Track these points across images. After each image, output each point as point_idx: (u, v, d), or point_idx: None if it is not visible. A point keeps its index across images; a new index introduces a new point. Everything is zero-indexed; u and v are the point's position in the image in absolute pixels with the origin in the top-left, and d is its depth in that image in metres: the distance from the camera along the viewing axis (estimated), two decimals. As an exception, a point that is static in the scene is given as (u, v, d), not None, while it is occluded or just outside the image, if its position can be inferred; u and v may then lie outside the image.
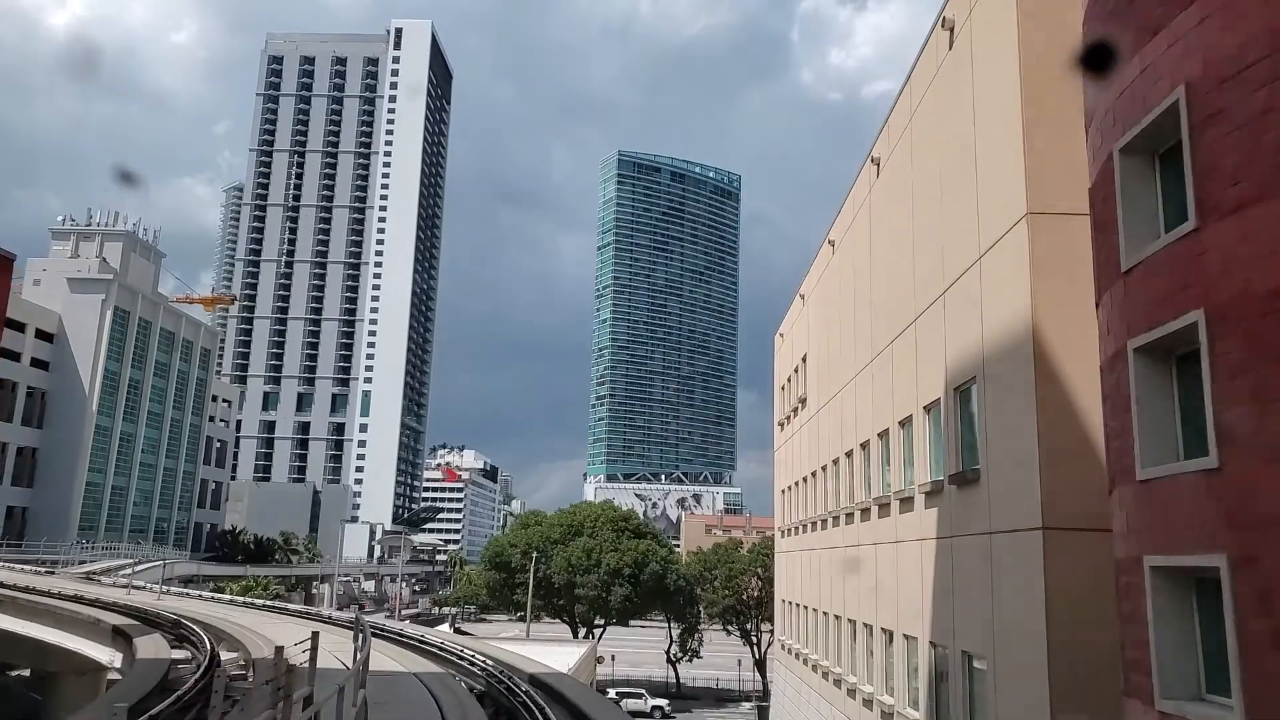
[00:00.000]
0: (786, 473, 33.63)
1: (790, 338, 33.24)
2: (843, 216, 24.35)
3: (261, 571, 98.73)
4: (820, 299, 27.49)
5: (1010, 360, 12.22)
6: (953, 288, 14.78)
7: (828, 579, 25.44)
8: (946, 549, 14.77)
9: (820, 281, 27.34)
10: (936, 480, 15.38)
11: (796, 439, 31.35)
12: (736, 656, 62.87)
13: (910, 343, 17.45)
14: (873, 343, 20.41)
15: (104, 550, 77.50)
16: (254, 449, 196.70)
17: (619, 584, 51.79)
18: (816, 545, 27.82)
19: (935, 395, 15.60)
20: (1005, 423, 12.46)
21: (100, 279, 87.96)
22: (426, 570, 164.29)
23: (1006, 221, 12.34)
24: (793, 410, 32.04)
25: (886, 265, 19.39)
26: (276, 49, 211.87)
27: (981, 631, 13.12)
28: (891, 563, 18.67)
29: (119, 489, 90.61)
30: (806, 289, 29.83)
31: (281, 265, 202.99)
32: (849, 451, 22.68)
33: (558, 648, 38.70)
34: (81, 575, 46.30)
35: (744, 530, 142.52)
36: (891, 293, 18.87)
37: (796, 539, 31.22)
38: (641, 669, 68.41)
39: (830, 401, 25.43)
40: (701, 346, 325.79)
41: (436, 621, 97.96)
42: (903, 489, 17.60)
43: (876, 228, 20.44)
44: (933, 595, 15.54)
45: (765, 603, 57.37)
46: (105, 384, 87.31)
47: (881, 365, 19.64)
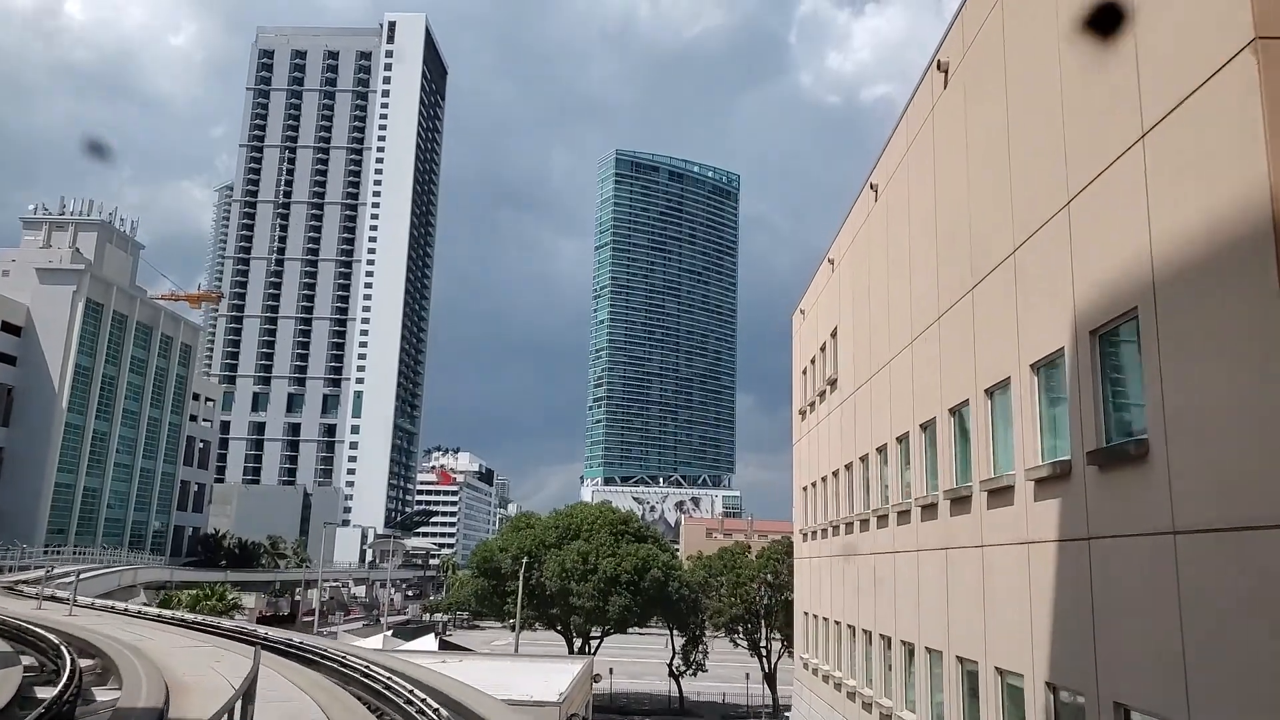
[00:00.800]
0: (809, 468, 29.44)
1: (814, 312, 29.05)
2: (890, 153, 20.18)
3: (243, 577, 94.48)
4: (857, 259, 23.31)
5: (1216, 267, 8.06)
6: (1086, 192, 10.61)
7: (870, 592, 21.26)
8: (1078, 554, 10.60)
9: (857, 238, 23.16)
10: (1058, 461, 11.22)
11: (823, 428, 27.17)
12: (744, 669, 58.61)
13: (1001, 285, 13.30)
14: (937, 298, 16.25)
15: (75, 555, 73.15)
16: (243, 450, 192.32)
17: (617, 592, 47.47)
18: (849, 551, 23.64)
19: (1053, 346, 11.45)
20: (1205, 366, 8.28)
21: (72, 269, 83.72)
22: (419, 575, 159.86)
23: (1210, 60, 8.18)
24: (818, 395, 27.86)
25: (963, 190, 15.21)
26: (267, 43, 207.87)
27: (1158, 675, 8.94)
28: (968, 573, 14.51)
29: (92, 490, 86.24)
30: (837, 252, 25.65)
31: (272, 263, 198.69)
32: (902, 435, 18.51)
33: (549, 666, 34.43)
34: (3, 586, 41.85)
35: (746, 534, 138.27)
36: (972, 224, 14.70)
37: (821, 544, 27.04)
38: (641, 681, 64.10)
39: (872, 379, 21.27)
40: (700, 347, 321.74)
41: (426, 630, 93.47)
42: (992, 477, 13.42)
43: (947, 145, 16.26)
44: (1050, 618, 11.37)
45: (775, 612, 53.15)
46: (77, 380, 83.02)
47: (953, 324, 15.47)
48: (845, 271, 24.73)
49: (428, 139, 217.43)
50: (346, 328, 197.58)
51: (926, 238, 17.50)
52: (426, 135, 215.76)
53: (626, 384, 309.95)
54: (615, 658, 64.71)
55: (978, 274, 14.22)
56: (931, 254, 16.86)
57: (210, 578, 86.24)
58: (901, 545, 18.51)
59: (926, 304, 16.99)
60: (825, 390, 26.70)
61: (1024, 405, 12.28)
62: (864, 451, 21.89)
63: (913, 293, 18.02)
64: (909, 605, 17.91)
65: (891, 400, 19.50)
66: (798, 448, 31.88)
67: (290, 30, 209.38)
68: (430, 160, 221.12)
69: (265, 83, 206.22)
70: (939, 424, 15.98)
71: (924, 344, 17.17)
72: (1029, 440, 12.12)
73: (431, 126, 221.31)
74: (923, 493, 17.08)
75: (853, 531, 22.93)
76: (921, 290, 17.41)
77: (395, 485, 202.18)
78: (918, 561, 17.36)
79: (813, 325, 29.29)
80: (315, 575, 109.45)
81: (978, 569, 14.04)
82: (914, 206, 18.28)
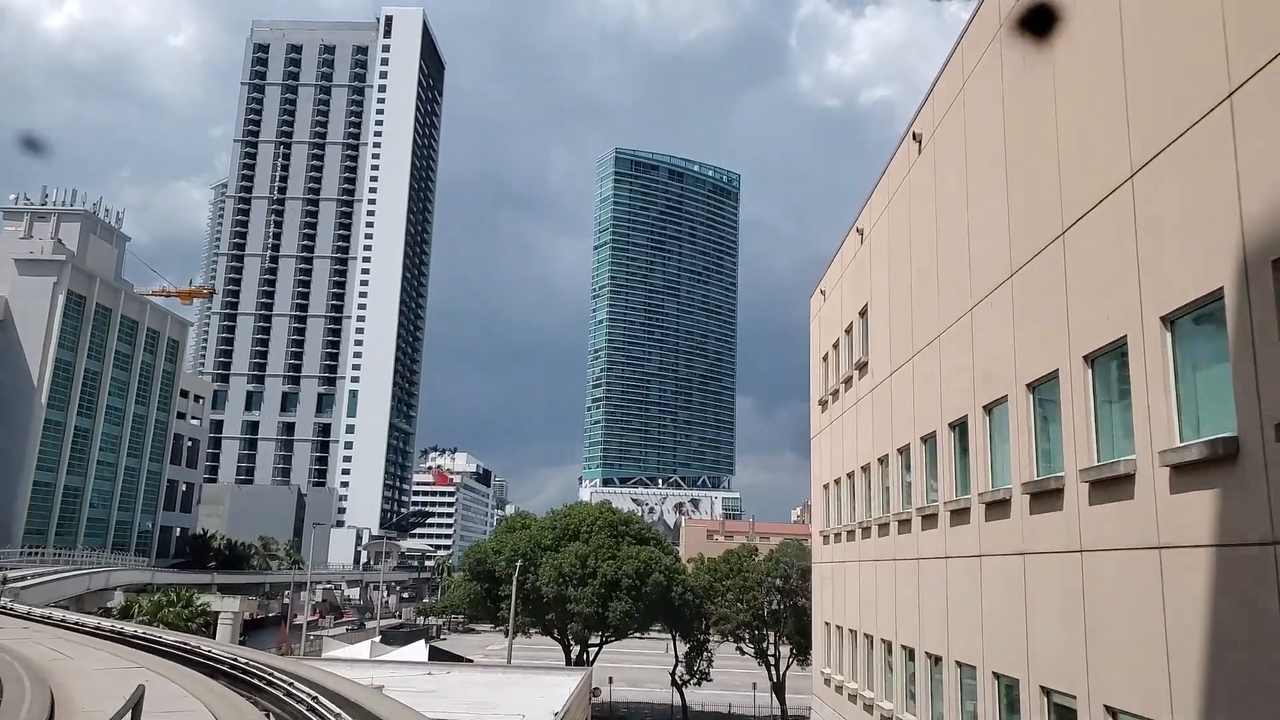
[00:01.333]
0: (831, 463, 26.69)
1: (838, 291, 26.30)
2: (941, 95, 17.43)
3: (231, 579, 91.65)
4: (895, 223, 20.55)
5: None
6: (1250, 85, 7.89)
7: (912, 603, 18.51)
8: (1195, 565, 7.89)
9: (895, 199, 20.41)
10: (1178, 447, 8.52)
11: (850, 418, 24.42)
12: (749, 677, 55.83)
13: (1094, 234, 10.60)
14: (1010, 253, 13.52)
15: (55, 556, 70.36)
16: (236, 450, 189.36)
17: (617, 597, 44.59)
18: (880, 556, 20.92)
19: (1183, 299, 8.75)
20: None
21: (53, 260, 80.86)
22: (414, 577, 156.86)
23: None
24: (843, 382, 25.11)
25: (1047, 120, 12.45)
26: (263, 37, 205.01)
27: None
28: (1054, 583, 11.79)
29: (73, 489, 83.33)
30: (867, 219, 22.89)
31: (266, 260, 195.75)
32: (959, 420, 15.78)
33: (544, 679, 31.63)
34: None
35: (747, 536, 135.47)
36: (1062, 167, 11.96)
37: (848, 547, 24.30)
38: (641, 689, 61.29)
39: (915, 358, 18.52)
40: (700, 348, 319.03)
41: (418, 634, 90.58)
42: (1095, 465, 10.67)
43: (1017, 85, 13.52)
44: (1141, 639, 8.65)
45: (785, 618, 50.38)
46: (58, 374, 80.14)
47: (1034, 280, 12.73)
48: (878, 240, 21.98)
49: (425, 135, 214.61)
50: (342, 326, 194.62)
51: (984, 196, 14.76)
52: (424, 131, 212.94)
53: (625, 385, 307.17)
54: (614, 664, 61.91)
55: (1045, 235, 11.49)
56: (999, 204, 14.10)
57: (195, 580, 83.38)
58: (958, 550, 15.76)
59: (993, 262, 14.25)
60: (852, 376, 23.95)
61: (1150, 372, 9.53)
62: (904, 441, 19.14)
63: (973, 252, 15.27)
64: (969, 621, 15.16)
65: (943, 380, 16.75)
66: (817, 441, 29.13)
67: (286, 24, 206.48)
68: (427, 156, 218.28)
69: (260, 77, 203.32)
70: (1015, 403, 13.22)
71: (991, 310, 14.42)
72: (1160, 418, 9.36)
73: (429, 123, 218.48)
74: (987, 487, 14.35)
75: (889, 533, 20.18)
76: (987, 247, 14.66)
77: (391, 486, 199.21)
78: (980, 569, 14.61)
79: (835, 306, 26.54)
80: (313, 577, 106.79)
81: (1069, 579, 11.28)
82: (975, 150, 15.52)
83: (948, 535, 16.42)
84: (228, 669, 14.79)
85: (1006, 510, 13.41)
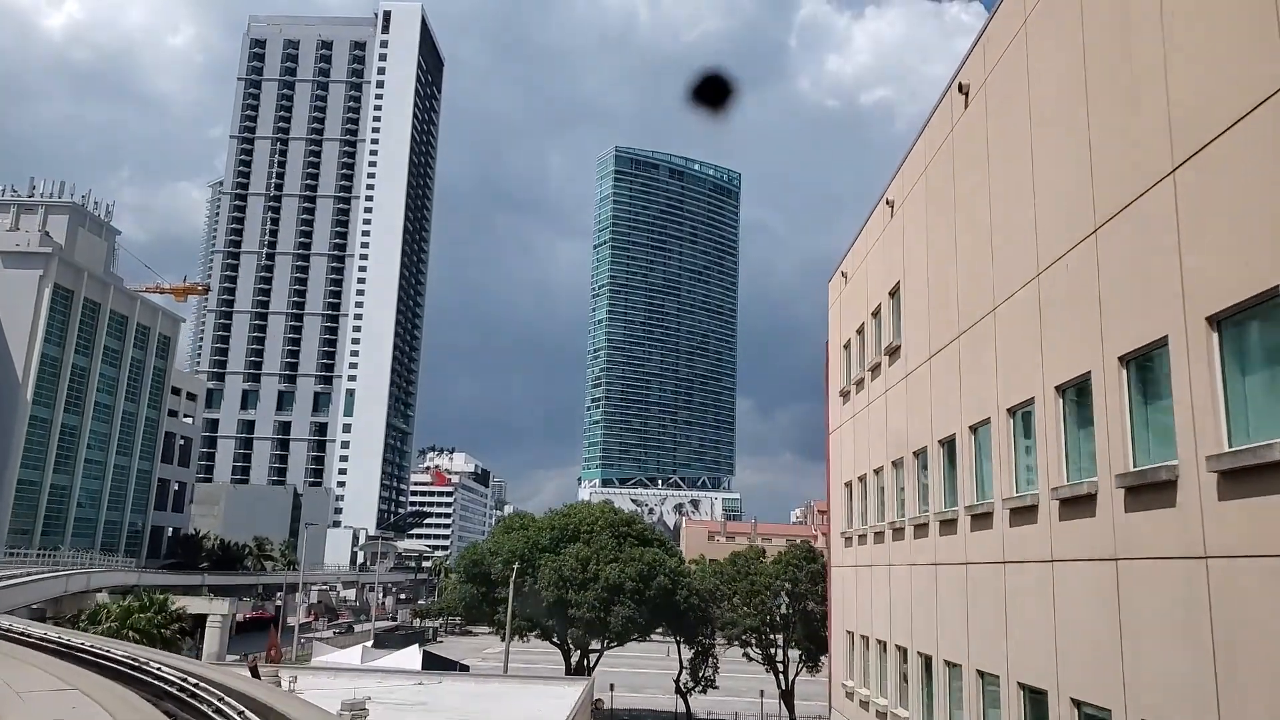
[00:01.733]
0: (855, 458, 24.65)
1: (862, 272, 24.23)
2: (989, 43, 15.36)
3: (223, 580, 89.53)
4: (934, 190, 18.47)
5: None
6: None
7: (957, 614, 16.46)
8: None
9: (934, 162, 18.34)
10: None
11: (877, 409, 22.38)
12: (756, 684, 53.78)
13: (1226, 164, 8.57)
14: (1093, 213, 11.47)
15: (40, 556, 68.21)
16: (231, 449, 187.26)
17: (620, 601, 42.47)
18: (918, 560, 18.88)
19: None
20: None
21: (39, 253, 78.76)
22: (411, 578, 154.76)
23: None
24: (869, 370, 23.05)
25: (1145, 57, 10.41)
26: (260, 32, 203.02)
27: None
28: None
29: (60, 488, 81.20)
30: (899, 189, 20.83)
31: (262, 257, 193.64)
32: (1018, 406, 13.74)
33: (543, 690, 29.61)
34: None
35: (750, 537, 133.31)
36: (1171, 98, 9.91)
37: (875, 550, 22.26)
38: (643, 695, 59.26)
39: (960, 338, 16.47)
40: (700, 348, 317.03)
41: (414, 637, 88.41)
42: (1225, 452, 8.63)
43: (1097, 12, 11.47)
44: None
45: (794, 623, 48.33)
46: (44, 370, 78.03)
47: (1123, 239, 10.69)
48: (913, 210, 19.92)
49: (423, 131, 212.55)
50: (339, 324, 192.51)
51: (1054, 138, 12.71)
52: (422, 127, 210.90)
53: (625, 385, 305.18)
54: (613, 668, 59.79)
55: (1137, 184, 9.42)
56: (1062, 160, 12.04)
57: (185, 581, 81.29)
58: (1019, 554, 13.70)
59: (1067, 221, 12.19)
60: (881, 363, 21.90)
61: None
62: (949, 432, 17.08)
63: (1040, 210, 13.21)
64: (1032, 637, 13.10)
65: (999, 361, 14.69)
66: (837, 435, 27.08)
67: (283, 19, 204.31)
68: (426, 153, 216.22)
69: (257, 73, 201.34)
70: (1098, 383, 11.17)
71: (1058, 279, 12.36)
72: None
73: (427, 119, 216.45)
74: (1060, 481, 12.30)
75: (929, 534, 18.13)
76: (1058, 205, 12.61)
77: (388, 486, 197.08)
78: (1052, 575, 12.55)
79: (859, 288, 24.49)
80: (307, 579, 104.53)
81: (1191, 590, 9.23)
82: (1042, 96, 13.45)
83: (1006, 537, 14.38)
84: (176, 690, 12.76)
85: (1091, 508, 11.35)
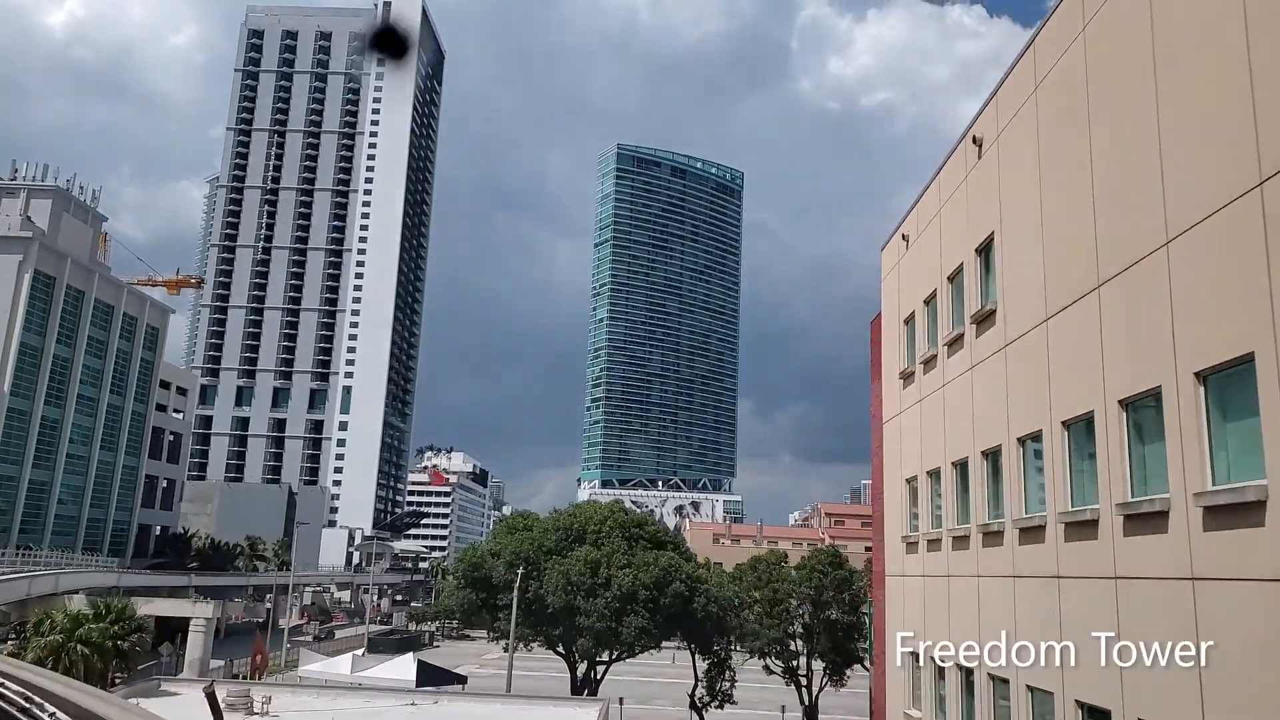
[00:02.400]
0: (922, 450, 21.15)
1: (933, 230, 20.69)
2: None
3: (212, 581, 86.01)
4: (1046, 120, 14.89)
5: None
6: None
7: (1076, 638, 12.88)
8: None
9: (1045, 87, 14.80)
10: None
11: (956, 389, 18.87)
12: (775, 698, 50.21)
13: None
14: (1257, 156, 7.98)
15: (18, 555, 64.65)
16: (225, 447, 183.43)
17: (633, 610, 38.92)
18: (1021, 571, 15.37)
19: None
20: None
21: (19, 237, 75.21)
22: (408, 579, 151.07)
23: None
24: (946, 345, 19.53)
25: None
26: (257, 23, 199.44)
27: None
28: None
29: (40, 484, 77.62)
30: (988, 124, 17.27)
31: (258, 252, 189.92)
32: (1133, 399, 10.21)
33: (554, 711, 26.00)
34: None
35: (755, 539, 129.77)
36: None
37: (952, 558, 18.74)
38: (652, 709, 55.68)
39: (1083, 299, 12.89)
40: (701, 348, 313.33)
41: (410, 641, 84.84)
42: None
43: None
44: None
45: (817, 633, 44.77)
46: (23, 359, 74.48)
47: None
48: (1009, 149, 16.39)
49: (423, 124, 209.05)
50: (335, 320, 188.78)
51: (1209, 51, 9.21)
52: (422, 120, 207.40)
53: (626, 385, 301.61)
54: (620, 677, 56.23)
55: None
56: (1236, 75, 8.53)
57: (170, 582, 77.79)
58: (1131, 568, 10.19)
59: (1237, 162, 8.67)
60: (964, 334, 18.38)
61: None
62: (1066, 415, 13.56)
63: (1202, 146, 9.67)
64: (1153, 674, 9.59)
65: (1150, 327, 11.15)
66: (895, 424, 23.56)
67: (281, 10, 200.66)
68: (425, 147, 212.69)
69: (254, 64, 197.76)
70: (1266, 365, 7.68)
71: (1212, 234, 8.85)
72: None
73: (427, 113, 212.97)
74: (1206, 486, 8.87)
75: (1036, 541, 14.61)
76: (1237, 140, 9.08)
77: (385, 485, 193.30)
78: (1192, 593, 9.05)
79: (930, 250, 20.94)
80: (299, 579, 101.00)
81: None
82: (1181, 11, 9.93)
83: (1117, 547, 11.00)
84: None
85: (1249, 514, 7.86)
